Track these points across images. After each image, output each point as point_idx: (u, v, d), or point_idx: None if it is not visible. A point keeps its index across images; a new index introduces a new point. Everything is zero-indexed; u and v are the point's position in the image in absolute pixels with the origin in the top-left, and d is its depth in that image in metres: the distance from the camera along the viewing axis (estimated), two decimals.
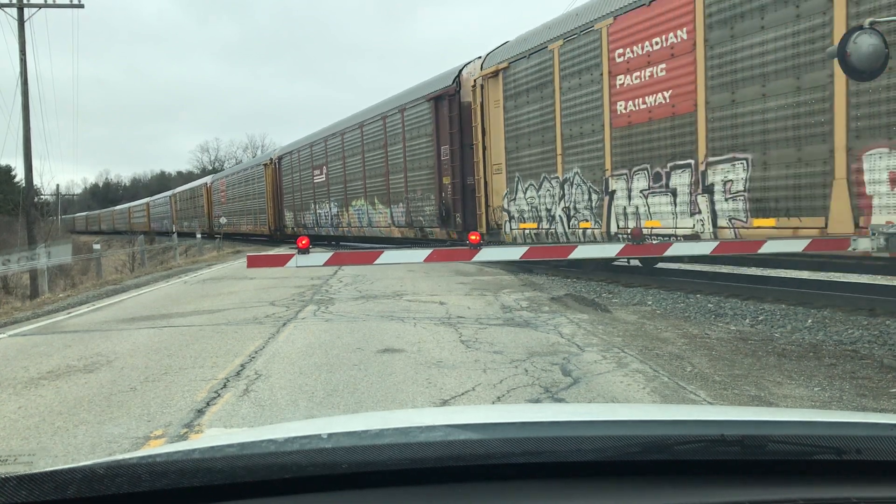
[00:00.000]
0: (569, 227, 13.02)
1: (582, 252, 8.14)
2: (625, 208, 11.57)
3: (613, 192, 11.80)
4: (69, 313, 11.43)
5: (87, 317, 10.82)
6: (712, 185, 9.81)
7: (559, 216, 13.30)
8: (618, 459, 1.29)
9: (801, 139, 8.45)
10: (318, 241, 26.74)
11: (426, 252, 7.53)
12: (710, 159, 9.79)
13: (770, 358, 6.39)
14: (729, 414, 1.94)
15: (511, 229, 14.83)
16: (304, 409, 4.95)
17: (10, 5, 24.99)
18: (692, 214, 10.23)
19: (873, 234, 7.16)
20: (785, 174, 8.75)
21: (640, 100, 11.07)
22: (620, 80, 11.45)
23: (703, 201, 9.99)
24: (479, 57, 16.37)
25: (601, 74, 11.86)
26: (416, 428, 1.41)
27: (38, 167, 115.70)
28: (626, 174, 11.50)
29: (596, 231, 12.24)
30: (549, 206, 13.60)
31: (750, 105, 9.09)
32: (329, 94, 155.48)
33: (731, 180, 9.52)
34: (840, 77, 7.63)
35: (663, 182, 10.73)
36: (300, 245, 7.15)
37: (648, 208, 11.09)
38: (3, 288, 22.37)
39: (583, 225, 12.60)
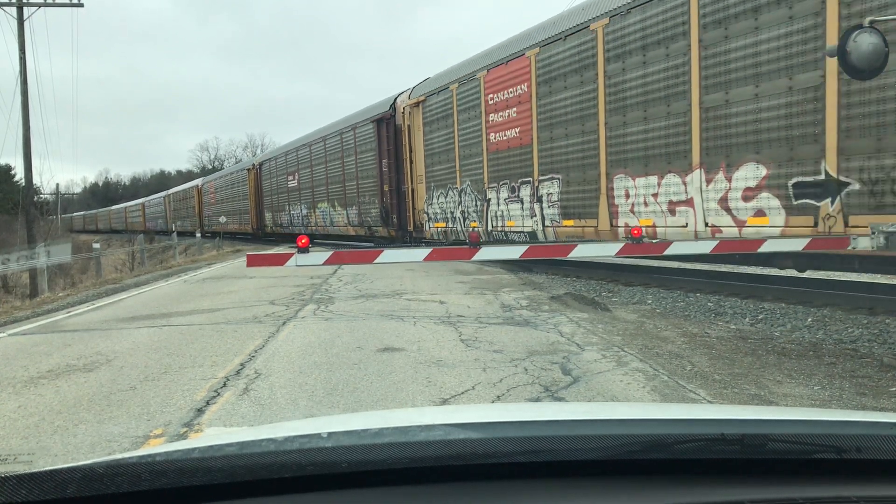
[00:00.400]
0: (464, 226, 16.82)
1: (582, 251, 8.13)
2: (496, 212, 15.49)
3: (489, 199, 15.73)
4: (69, 312, 11.43)
5: (86, 316, 10.82)
6: (542, 196, 13.68)
7: (458, 217, 17.14)
8: (618, 458, 1.29)
9: (586, 166, 12.37)
10: (292, 239, 28.46)
11: (426, 251, 7.53)
12: (541, 178, 13.72)
13: (770, 357, 6.39)
14: (729, 413, 1.94)
15: (429, 228, 18.68)
16: (304, 409, 4.95)
17: (9, 4, 24.98)
18: (532, 217, 14.05)
19: (873, 233, 7.16)
20: (578, 189, 12.64)
21: (503, 132, 15.06)
22: (492, 117, 15.43)
23: (537, 208, 13.84)
24: (409, 89, 20.12)
25: (480, 112, 15.90)
26: (416, 427, 1.41)
27: (37, 166, 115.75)
28: (496, 186, 15.45)
29: (479, 229, 16.05)
30: (452, 210, 17.43)
31: (559, 141, 13.09)
32: (329, 94, 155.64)
33: (551, 193, 13.41)
34: (603, 126, 11.80)
35: (517, 193, 14.64)
36: (300, 244, 7.14)
37: (509, 212, 14.94)
38: (3, 287, 22.38)
39: (472, 224, 16.41)
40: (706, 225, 9.94)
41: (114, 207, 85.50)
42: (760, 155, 8.98)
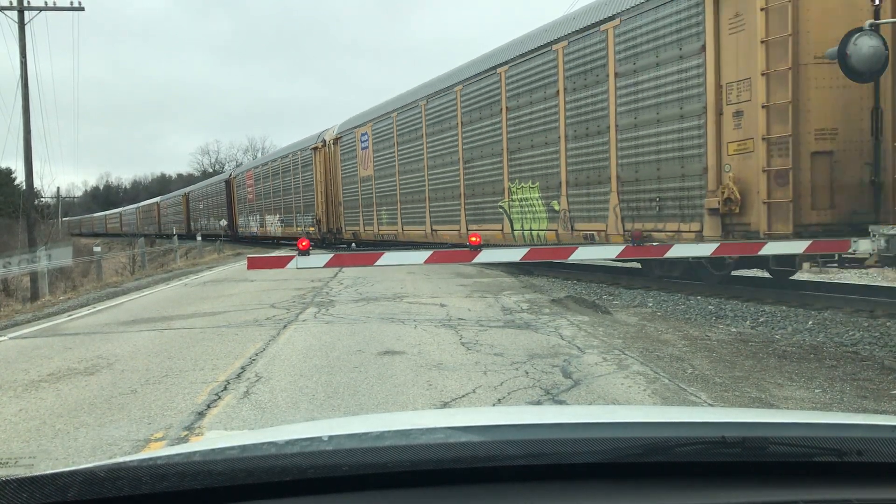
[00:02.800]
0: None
1: (582, 253, 8.14)
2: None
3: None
4: (70, 316, 11.43)
5: (87, 319, 10.82)
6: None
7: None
8: (619, 461, 1.29)
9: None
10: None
11: (426, 253, 7.53)
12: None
13: (771, 359, 6.38)
14: (730, 416, 1.94)
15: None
16: (305, 412, 4.95)
17: (10, 8, 25.03)
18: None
19: (874, 236, 7.17)
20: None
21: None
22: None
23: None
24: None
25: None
26: (417, 430, 1.41)
27: (38, 169, 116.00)
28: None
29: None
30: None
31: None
32: (329, 94, 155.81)
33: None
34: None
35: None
36: (300, 247, 7.15)
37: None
38: (4, 290, 22.37)
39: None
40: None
41: (95, 214, 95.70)
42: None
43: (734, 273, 11.36)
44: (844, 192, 8.73)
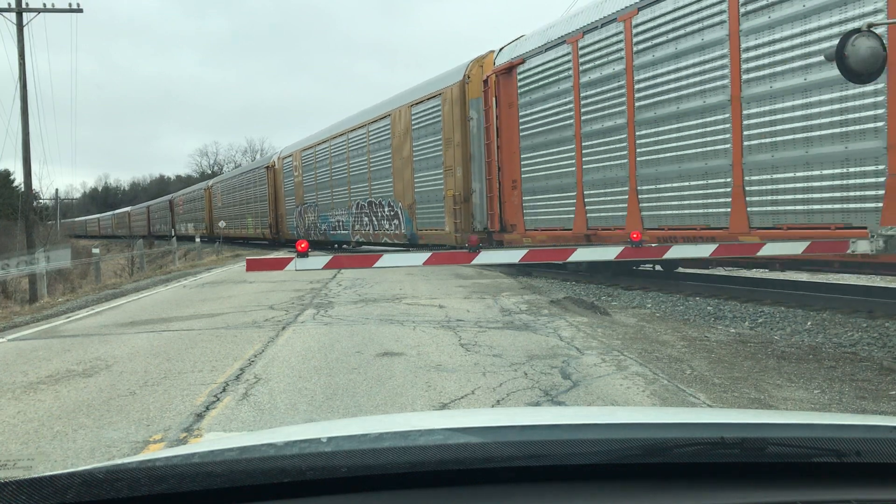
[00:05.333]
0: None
1: (580, 255, 8.14)
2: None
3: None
4: (68, 317, 11.42)
5: (86, 321, 10.81)
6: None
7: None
8: (618, 462, 1.29)
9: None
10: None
11: (425, 255, 7.54)
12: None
13: (770, 360, 6.39)
14: (728, 416, 1.94)
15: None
16: (304, 413, 4.94)
17: (9, 10, 25.01)
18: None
19: (872, 236, 7.16)
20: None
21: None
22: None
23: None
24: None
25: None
26: (416, 431, 1.41)
27: (37, 171, 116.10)
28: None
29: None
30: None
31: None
32: (330, 94, 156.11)
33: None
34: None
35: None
36: (299, 248, 7.14)
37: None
38: (3, 292, 22.35)
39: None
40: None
41: (78, 218, 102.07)
42: None
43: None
44: None
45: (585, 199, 12.83)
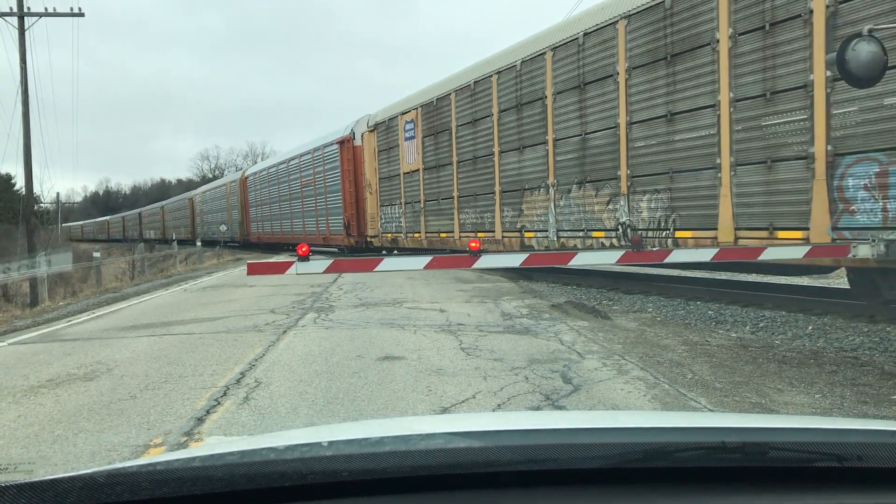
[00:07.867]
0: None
1: (582, 259, 8.13)
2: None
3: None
4: (69, 321, 11.42)
5: (86, 325, 10.81)
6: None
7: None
8: (619, 466, 1.29)
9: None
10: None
11: (426, 259, 7.52)
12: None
13: (771, 365, 6.38)
14: (730, 421, 1.94)
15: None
16: (305, 417, 4.94)
17: (10, 14, 25.07)
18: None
19: (873, 241, 7.16)
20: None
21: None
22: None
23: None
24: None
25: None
26: (417, 436, 1.41)
27: (38, 175, 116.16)
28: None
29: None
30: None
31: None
32: (330, 95, 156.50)
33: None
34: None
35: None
36: (300, 252, 7.14)
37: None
38: (4, 296, 22.35)
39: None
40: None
41: (74, 223, 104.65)
42: None
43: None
44: None
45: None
